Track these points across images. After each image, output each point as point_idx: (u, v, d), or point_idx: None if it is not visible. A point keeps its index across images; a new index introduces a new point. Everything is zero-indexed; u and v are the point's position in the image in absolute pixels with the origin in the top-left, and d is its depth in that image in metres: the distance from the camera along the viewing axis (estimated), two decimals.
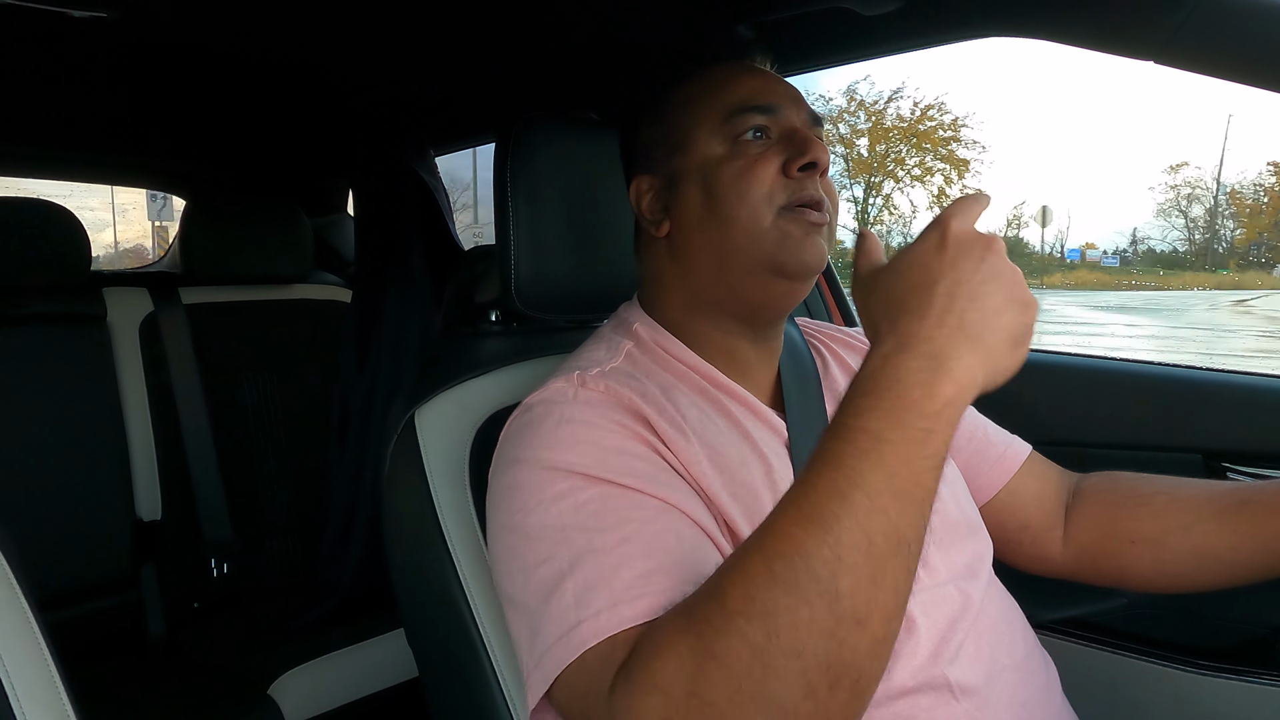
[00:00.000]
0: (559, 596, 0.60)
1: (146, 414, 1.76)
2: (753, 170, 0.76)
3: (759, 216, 0.75)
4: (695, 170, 0.79)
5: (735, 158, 0.77)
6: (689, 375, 0.79)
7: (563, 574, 0.61)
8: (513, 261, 0.91)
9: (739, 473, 0.71)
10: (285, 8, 1.13)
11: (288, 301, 2.02)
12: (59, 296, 1.70)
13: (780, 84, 0.81)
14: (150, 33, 1.22)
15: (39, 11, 1.05)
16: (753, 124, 0.77)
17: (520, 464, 0.68)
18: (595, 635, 0.57)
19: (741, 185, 0.76)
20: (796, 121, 0.79)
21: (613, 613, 0.57)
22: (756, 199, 0.75)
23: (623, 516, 0.62)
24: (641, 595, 0.58)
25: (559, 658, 0.58)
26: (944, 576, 0.75)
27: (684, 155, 0.80)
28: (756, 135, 0.78)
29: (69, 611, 1.62)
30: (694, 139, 0.80)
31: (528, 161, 0.91)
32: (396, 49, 1.32)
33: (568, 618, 0.59)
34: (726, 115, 0.78)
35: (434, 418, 0.87)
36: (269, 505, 1.92)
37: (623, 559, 0.60)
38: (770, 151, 0.77)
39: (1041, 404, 1.27)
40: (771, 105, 0.78)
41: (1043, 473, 0.95)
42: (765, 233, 0.75)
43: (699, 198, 0.79)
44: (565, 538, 0.62)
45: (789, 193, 0.76)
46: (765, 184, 0.76)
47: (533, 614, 0.62)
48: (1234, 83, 0.83)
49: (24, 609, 0.67)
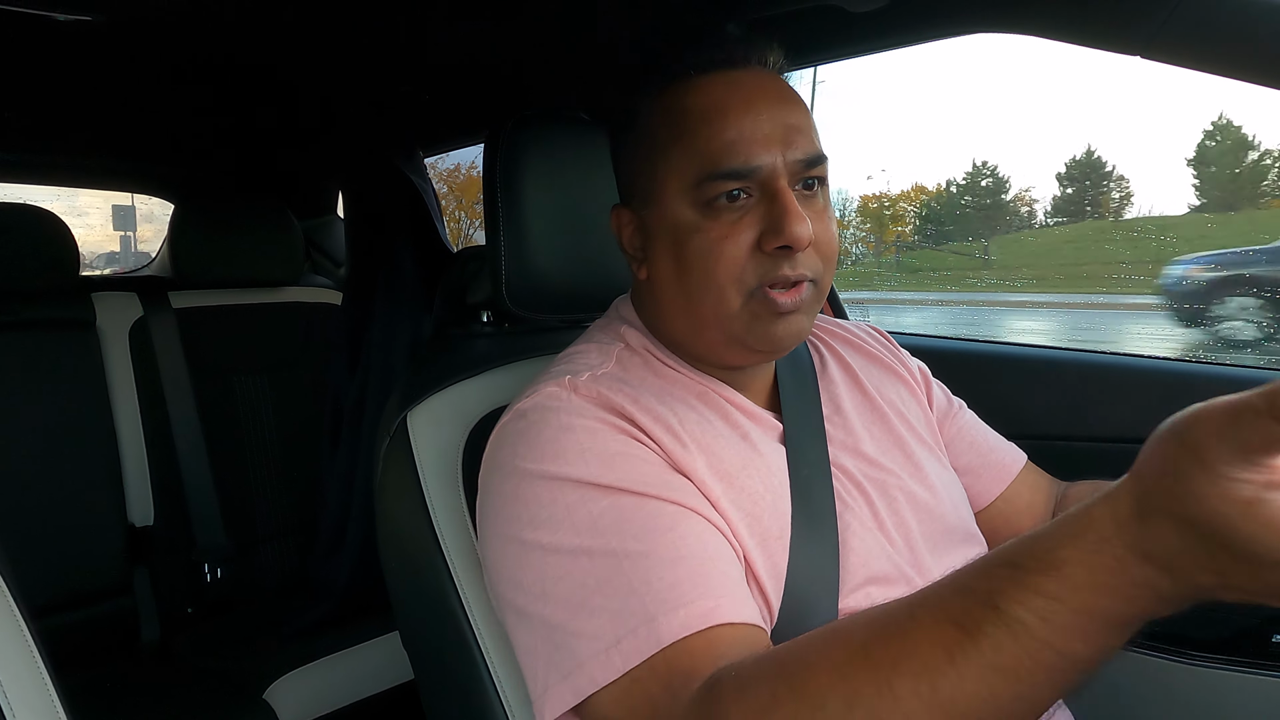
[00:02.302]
0: (588, 614, 0.60)
1: (137, 419, 1.75)
2: (721, 248, 0.69)
3: (726, 299, 0.70)
4: (666, 232, 0.73)
5: (705, 228, 0.70)
6: (684, 381, 0.77)
7: (587, 589, 0.60)
8: (503, 261, 0.90)
9: (738, 478, 0.70)
10: (272, 10, 1.12)
11: (278, 304, 2.01)
12: (48, 302, 1.69)
13: (767, 123, 0.70)
14: (136, 36, 1.22)
15: (23, 15, 1.05)
16: (724, 190, 0.69)
17: (523, 474, 0.67)
18: (638, 654, 0.57)
19: (709, 264, 0.69)
20: (782, 177, 0.69)
21: (650, 629, 0.57)
22: (724, 280, 0.69)
23: (640, 526, 0.62)
24: (678, 606, 0.58)
25: (594, 676, 0.58)
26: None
27: (655, 209, 0.74)
28: (733, 196, 0.69)
29: (62, 618, 1.61)
30: (664, 195, 0.72)
31: (517, 161, 0.90)
32: (384, 50, 1.32)
33: (603, 635, 0.58)
34: (697, 180, 0.70)
35: (426, 419, 0.87)
36: (262, 509, 1.91)
37: (649, 570, 0.59)
38: (746, 219, 0.69)
39: (1031, 400, 1.27)
40: (746, 170, 0.69)
41: (1035, 482, 0.95)
42: (735, 315, 0.70)
43: (669, 263, 0.73)
44: (585, 551, 0.62)
45: (761, 273, 0.69)
46: (735, 264, 0.69)
47: (555, 629, 0.61)
48: (1219, 77, 0.84)
49: (16, 616, 0.66)
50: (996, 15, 1.00)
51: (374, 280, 1.79)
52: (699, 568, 0.60)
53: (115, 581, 1.69)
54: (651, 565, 0.60)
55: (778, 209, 0.68)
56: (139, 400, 1.75)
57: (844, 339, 0.94)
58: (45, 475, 1.63)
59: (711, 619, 0.58)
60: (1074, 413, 1.24)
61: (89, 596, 1.66)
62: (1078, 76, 6.52)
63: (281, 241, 1.99)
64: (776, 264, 0.69)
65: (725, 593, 0.60)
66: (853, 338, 0.95)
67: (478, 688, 0.79)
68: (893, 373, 0.92)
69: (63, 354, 1.69)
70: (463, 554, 0.81)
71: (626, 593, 0.59)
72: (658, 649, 0.57)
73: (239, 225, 1.93)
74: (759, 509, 0.70)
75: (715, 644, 0.57)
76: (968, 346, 1.41)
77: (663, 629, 0.57)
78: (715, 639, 0.57)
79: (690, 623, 0.57)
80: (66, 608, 1.63)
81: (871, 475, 0.79)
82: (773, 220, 0.68)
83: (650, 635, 0.57)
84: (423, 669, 0.88)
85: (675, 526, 0.62)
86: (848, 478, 0.77)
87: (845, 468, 0.78)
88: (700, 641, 0.57)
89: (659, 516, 0.63)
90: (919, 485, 0.81)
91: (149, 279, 1.99)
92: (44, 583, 1.59)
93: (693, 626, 0.57)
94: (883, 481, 0.79)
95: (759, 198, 0.69)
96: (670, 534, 0.62)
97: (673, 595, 0.58)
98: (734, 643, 0.58)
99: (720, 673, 0.54)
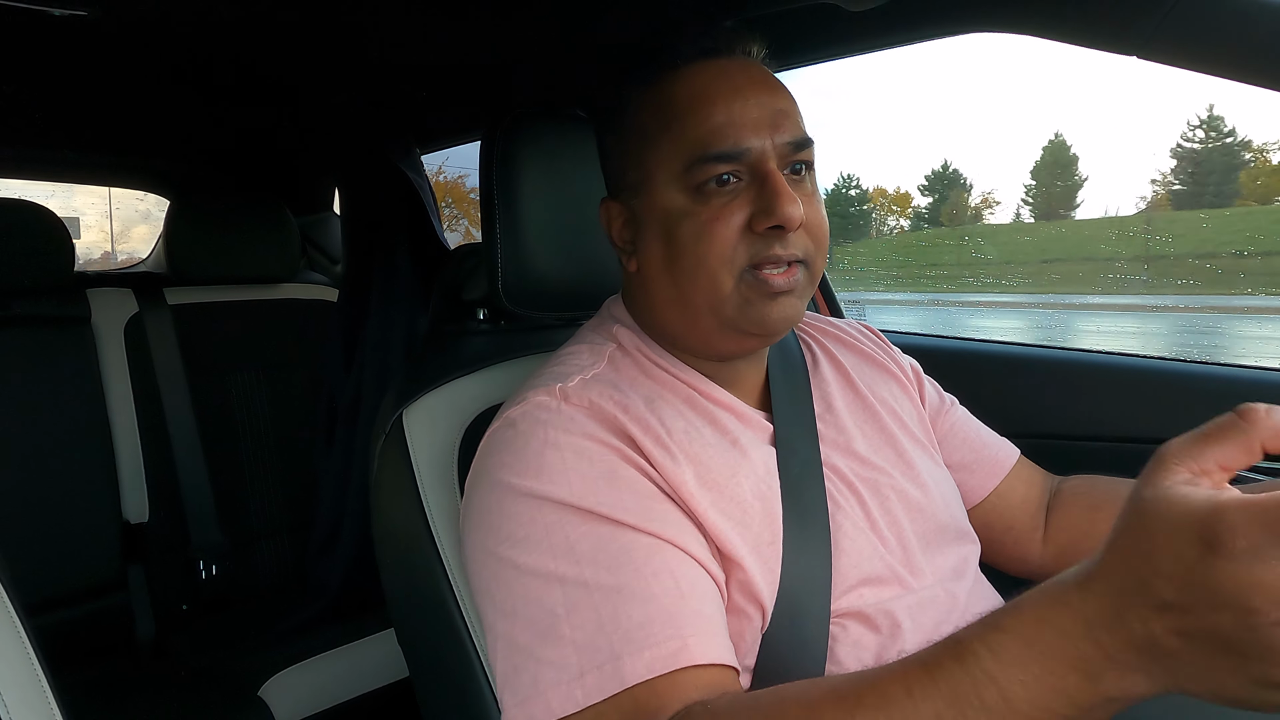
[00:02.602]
0: (554, 642, 0.59)
1: (132, 416, 1.75)
2: (712, 229, 0.69)
3: (719, 281, 0.70)
4: (656, 220, 0.73)
5: (696, 212, 0.70)
6: (673, 384, 0.76)
7: (556, 617, 0.60)
8: (499, 259, 0.90)
9: (727, 486, 0.70)
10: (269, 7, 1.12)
11: (274, 301, 2.00)
12: (42, 298, 1.68)
13: (755, 108, 0.70)
14: (132, 31, 1.21)
15: (19, 10, 1.04)
16: (715, 174, 0.69)
17: (505, 488, 0.66)
18: (600, 692, 0.57)
19: (700, 247, 0.69)
20: (771, 159, 0.70)
21: (615, 667, 0.57)
22: (715, 263, 0.69)
23: (614, 558, 0.61)
24: (644, 646, 0.57)
25: (551, 705, 0.58)
26: (930, 580, 0.75)
27: (645, 198, 0.74)
28: (723, 180, 0.69)
29: (56, 615, 1.61)
30: (654, 184, 0.73)
31: (514, 158, 0.90)
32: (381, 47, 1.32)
33: (567, 665, 0.58)
34: (686, 164, 0.70)
35: (422, 417, 0.87)
36: (257, 506, 1.91)
37: (619, 605, 0.59)
38: (736, 202, 0.69)
39: (1025, 397, 1.28)
40: (736, 152, 0.69)
41: (1029, 477, 0.96)
42: (727, 298, 0.70)
43: (660, 250, 0.73)
44: (557, 577, 0.61)
45: (752, 252, 0.69)
46: (727, 244, 0.69)
47: (520, 651, 0.61)
48: (1216, 77, 0.84)
49: (10, 613, 0.66)
50: (993, 15, 1.00)
51: (370, 277, 1.79)
52: (670, 605, 0.60)
53: (110, 579, 1.69)
54: (622, 601, 0.59)
55: (768, 190, 0.68)
56: (134, 397, 1.75)
57: (836, 337, 0.94)
58: (40, 472, 1.63)
59: (679, 661, 0.58)
60: (1068, 411, 1.25)
61: (84, 594, 1.66)
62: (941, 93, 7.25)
63: (278, 238, 1.98)
64: (768, 243, 0.69)
65: (694, 631, 0.59)
66: (845, 336, 0.94)
67: (473, 684, 0.79)
68: (885, 370, 0.92)
69: (58, 350, 1.68)
70: (458, 551, 0.81)
71: (594, 627, 0.59)
72: (621, 689, 0.57)
73: (235, 222, 1.93)
74: (749, 517, 0.69)
75: (681, 686, 0.57)
76: (963, 345, 1.42)
77: (627, 669, 0.57)
78: (681, 681, 0.57)
79: (654, 666, 0.57)
80: (62, 605, 1.62)
81: (863, 474, 0.79)
82: (764, 201, 0.68)
83: (614, 673, 0.57)
84: (418, 666, 0.88)
85: (650, 560, 0.62)
86: (840, 477, 0.77)
87: (837, 467, 0.78)
88: (666, 683, 0.57)
89: (634, 550, 0.62)
90: (911, 484, 0.81)
91: (145, 275, 1.98)
92: (39, 580, 1.58)
93: (657, 670, 0.57)
94: (875, 480, 0.79)
95: (749, 181, 0.70)
96: (645, 568, 0.61)
97: (640, 634, 0.58)
98: (702, 684, 0.58)
99: (692, 706, 0.55)
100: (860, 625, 0.70)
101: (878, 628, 0.70)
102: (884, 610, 0.70)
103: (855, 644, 0.69)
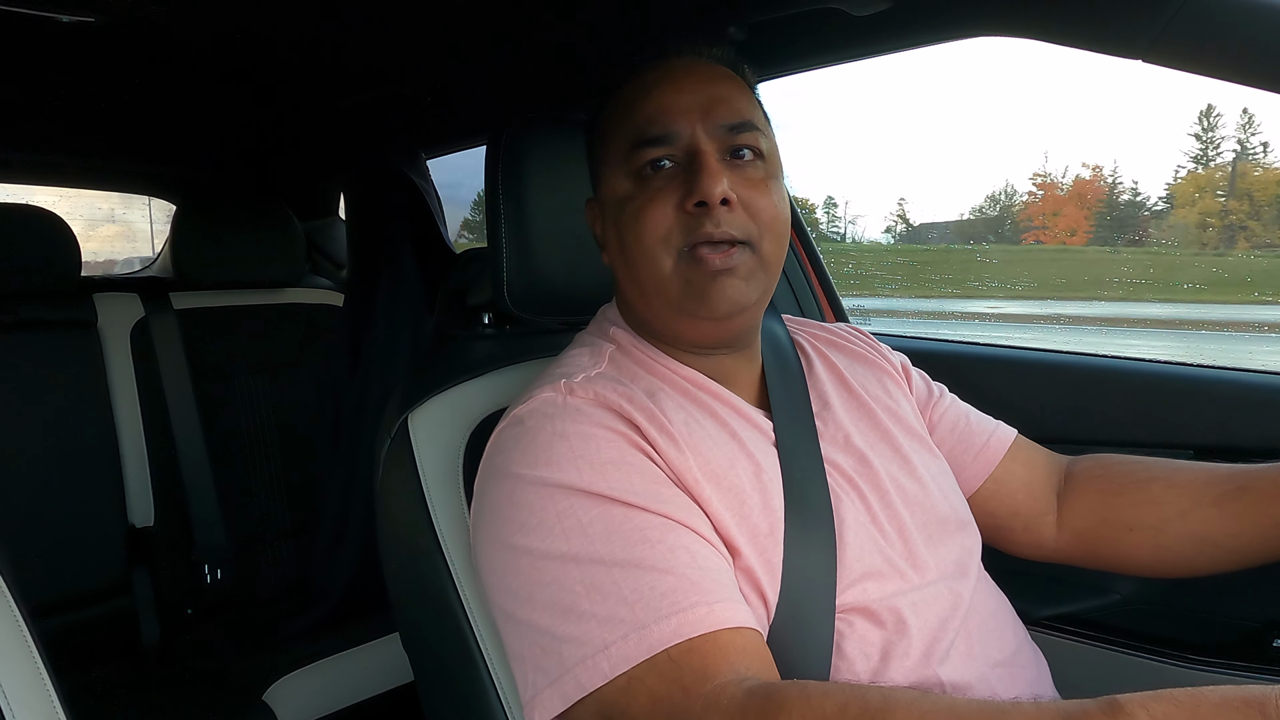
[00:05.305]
0: (575, 620, 0.60)
1: (138, 420, 1.75)
2: (647, 210, 0.72)
3: (659, 262, 0.72)
4: (611, 208, 0.77)
5: (635, 195, 0.74)
6: (672, 379, 0.78)
7: (575, 595, 0.61)
8: (504, 263, 0.90)
9: (727, 477, 0.71)
10: (275, 13, 1.12)
11: (280, 306, 2.01)
12: (49, 303, 1.69)
13: (688, 95, 0.74)
14: (139, 38, 1.22)
15: (26, 16, 1.05)
16: (649, 158, 0.73)
17: (516, 479, 0.67)
18: (626, 660, 0.57)
19: (639, 227, 0.73)
20: (703, 142, 0.72)
21: (641, 636, 0.58)
22: (652, 242, 0.72)
23: (629, 537, 0.62)
24: (670, 614, 0.58)
25: (581, 680, 0.58)
26: (934, 575, 0.75)
27: (603, 189, 0.79)
28: (658, 165, 0.73)
29: (62, 618, 1.62)
30: (606, 174, 0.78)
31: (519, 163, 0.90)
32: (387, 51, 1.32)
33: (590, 640, 0.59)
34: (627, 151, 0.74)
35: (427, 421, 0.87)
36: (262, 510, 1.91)
37: (640, 579, 0.60)
38: (671, 185, 0.72)
39: (1030, 402, 1.27)
40: (666, 135, 0.73)
41: (1030, 458, 0.95)
42: (668, 279, 0.73)
43: (615, 237, 0.77)
44: (573, 558, 0.62)
45: (685, 232, 0.71)
46: (662, 225, 0.72)
47: (542, 634, 0.62)
48: (1221, 80, 0.84)
49: (16, 616, 0.66)
50: (998, 19, 1.00)
51: (375, 282, 1.80)
52: (691, 575, 0.61)
53: (115, 582, 1.69)
54: (642, 574, 0.60)
55: (694, 169, 0.71)
56: (140, 401, 1.76)
57: (829, 340, 0.95)
58: (45, 476, 1.63)
59: (707, 624, 0.58)
60: (1070, 414, 1.24)
61: (89, 597, 1.66)
62: (912, 116, 7.10)
63: (283, 243, 1.99)
64: (700, 222, 0.71)
65: (719, 598, 0.60)
66: (836, 339, 0.96)
67: (478, 690, 0.79)
68: (877, 368, 0.93)
69: (64, 354, 1.69)
70: (463, 556, 0.81)
71: (616, 600, 0.59)
72: (649, 655, 0.57)
73: (241, 226, 1.94)
74: (746, 507, 0.70)
75: (722, 648, 0.58)
76: (964, 349, 1.42)
77: (654, 635, 0.57)
78: (721, 643, 0.58)
79: (682, 630, 0.57)
80: (67, 609, 1.63)
81: (862, 470, 0.80)
82: (690, 180, 0.71)
83: (641, 642, 0.57)
84: (423, 671, 0.87)
85: (665, 537, 0.63)
86: (840, 473, 0.78)
87: (836, 463, 0.78)
88: (705, 644, 0.57)
89: (648, 528, 0.63)
90: (908, 478, 0.81)
91: (151, 280, 1.99)
92: (44, 584, 1.59)
93: (685, 634, 0.57)
94: (873, 476, 0.80)
95: (684, 164, 0.73)
96: (660, 544, 0.62)
97: (664, 603, 0.59)
98: (741, 648, 0.58)
99: (781, 683, 0.55)
100: (866, 621, 0.70)
101: (883, 623, 0.70)
102: (889, 606, 0.71)
103: (861, 639, 0.69)
